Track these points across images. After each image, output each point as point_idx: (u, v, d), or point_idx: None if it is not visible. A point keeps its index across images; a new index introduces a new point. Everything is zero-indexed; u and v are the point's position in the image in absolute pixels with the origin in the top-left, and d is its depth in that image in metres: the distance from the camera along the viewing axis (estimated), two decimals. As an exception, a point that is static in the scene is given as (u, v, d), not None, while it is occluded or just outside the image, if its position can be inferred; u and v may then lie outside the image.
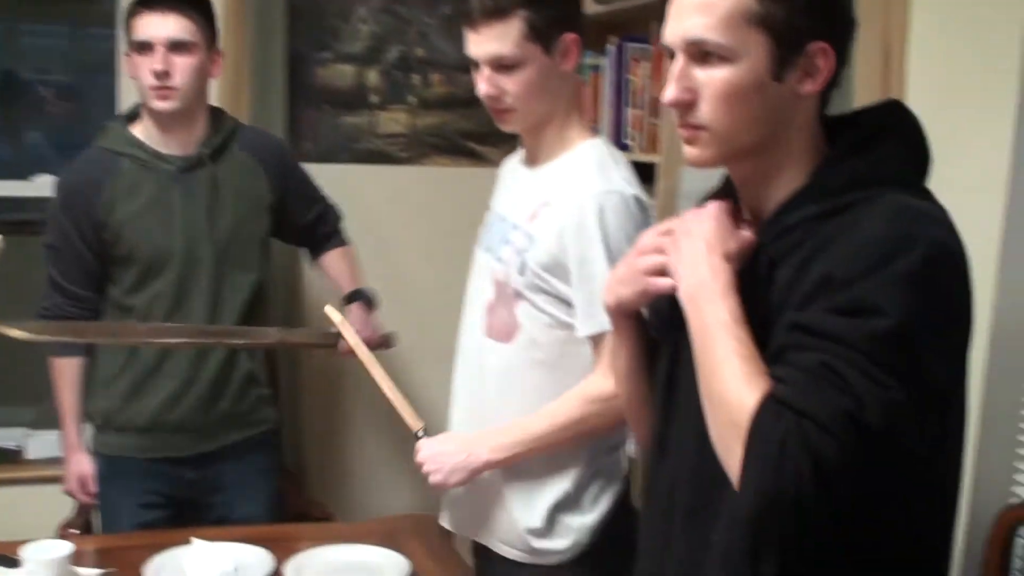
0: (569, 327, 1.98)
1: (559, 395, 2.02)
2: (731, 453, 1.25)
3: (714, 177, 2.88)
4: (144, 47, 2.45)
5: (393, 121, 3.63)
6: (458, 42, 3.56)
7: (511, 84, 1.99)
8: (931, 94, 2.21)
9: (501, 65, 1.98)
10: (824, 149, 1.41)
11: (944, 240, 1.28)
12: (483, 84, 2.02)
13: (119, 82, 3.24)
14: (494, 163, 3.69)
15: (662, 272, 1.45)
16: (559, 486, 2.04)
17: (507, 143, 3.68)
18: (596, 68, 3.26)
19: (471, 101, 3.61)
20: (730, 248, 1.38)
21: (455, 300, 3.66)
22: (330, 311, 2.31)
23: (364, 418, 3.48)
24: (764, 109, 1.35)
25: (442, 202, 3.67)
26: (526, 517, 2.05)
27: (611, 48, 3.14)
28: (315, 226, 2.83)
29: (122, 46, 3.14)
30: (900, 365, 1.20)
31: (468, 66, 3.65)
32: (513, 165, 2.22)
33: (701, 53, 1.34)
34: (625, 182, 1.96)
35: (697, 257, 1.37)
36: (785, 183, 1.39)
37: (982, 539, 2.04)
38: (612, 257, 1.89)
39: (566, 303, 1.98)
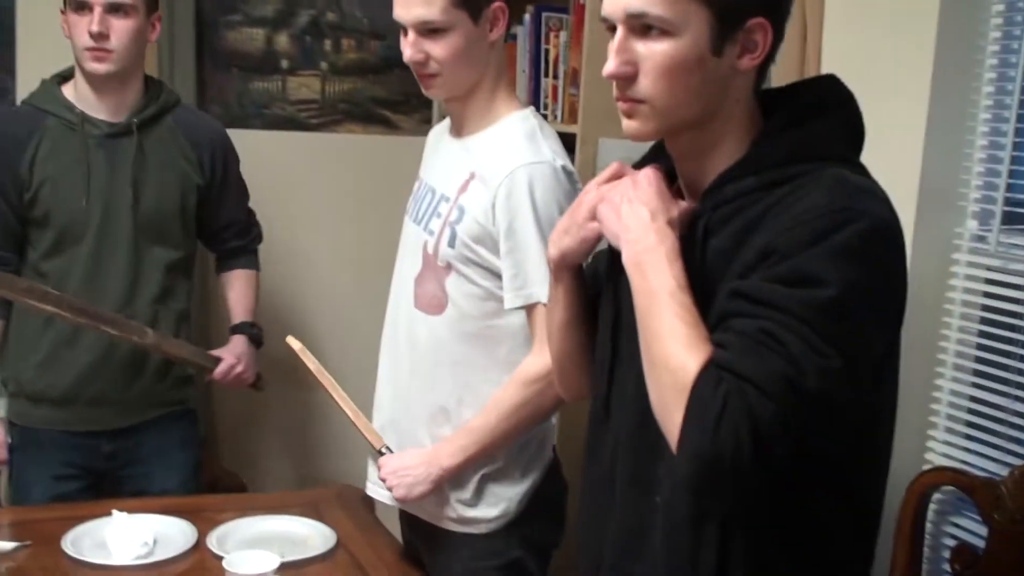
0: (499, 299, 1.99)
1: (489, 368, 2.03)
2: (671, 417, 1.27)
3: (634, 147, 2.90)
4: (81, 7, 2.39)
5: (304, 87, 3.58)
6: (369, 8, 3.58)
7: (437, 49, 1.97)
8: (847, 69, 2.26)
9: (428, 30, 1.97)
10: (760, 123, 1.43)
11: (882, 214, 1.31)
12: (408, 48, 2.00)
13: (16, 46, 3.12)
14: (407, 131, 3.70)
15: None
16: (490, 459, 2.05)
17: (420, 111, 3.70)
18: (512, 37, 3.25)
19: (383, 67, 3.64)
20: (672, 215, 1.39)
21: (367, 268, 3.68)
22: (291, 341, 2.26)
23: (276, 388, 3.43)
24: (703, 83, 1.36)
25: (354, 170, 3.64)
26: (456, 487, 2.06)
27: (527, 17, 3.14)
28: (235, 233, 2.76)
29: (23, 8, 3.06)
30: (838, 334, 1.24)
31: (379, 32, 3.65)
32: (440, 134, 2.20)
33: (642, 26, 1.34)
34: (554, 153, 1.97)
35: (642, 224, 1.38)
36: (722, 156, 1.41)
37: (896, 504, 2.11)
38: (541, 227, 1.90)
39: (496, 275, 1.98)
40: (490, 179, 1.95)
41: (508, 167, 1.93)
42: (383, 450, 2.13)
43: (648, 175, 1.43)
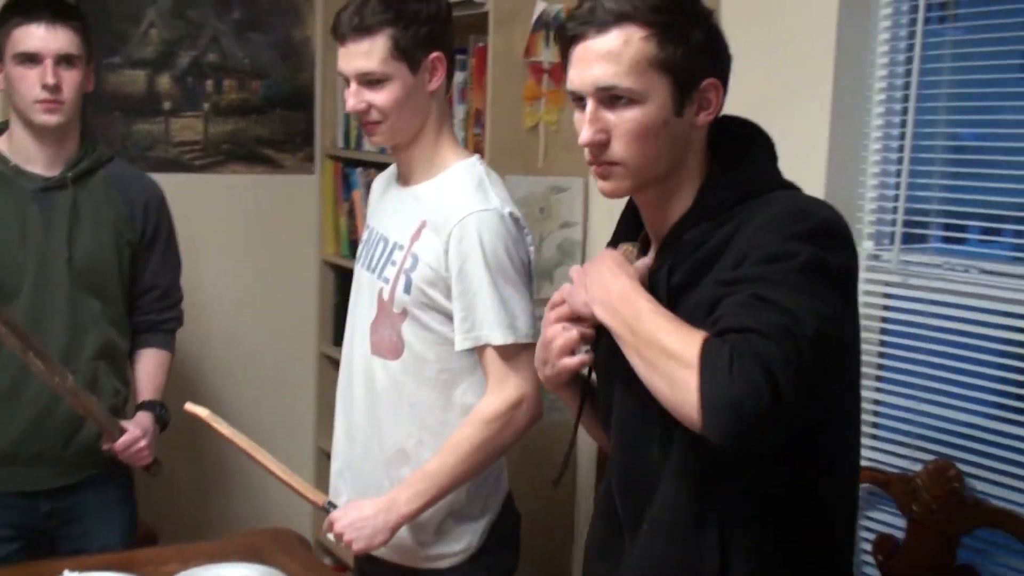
0: (453, 343, 2.07)
1: (447, 409, 2.10)
2: (687, 393, 1.31)
3: (539, 184, 3.01)
4: (31, 59, 2.37)
5: (187, 128, 3.56)
6: (250, 48, 3.60)
7: (378, 99, 2.05)
8: (752, 98, 2.44)
9: (368, 81, 2.04)
10: (709, 164, 1.57)
11: (832, 216, 1.47)
12: (351, 99, 2.07)
13: None
14: (290, 169, 3.74)
15: (572, 351, 1.60)
16: (451, 497, 2.10)
17: (302, 149, 3.74)
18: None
19: (265, 107, 3.67)
20: (629, 271, 1.52)
21: (258, 306, 3.71)
22: (192, 407, 2.16)
23: (183, 434, 3.41)
24: (669, 142, 1.51)
25: (240, 209, 3.65)
26: (419, 529, 2.12)
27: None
28: (155, 299, 2.68)
29: None
30: (817, 287, 1.35)
31: (261, 72, 3.68)
32: (386, 183, 2.26)
33: (611, 98, 1.49)
34: (501, 201, 2.06)
35: (603, 282, 1.50)
36: (681, 201, 1.56)
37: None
38: (491, 272, 1.99)
39: (451, 319, 2.05)
40: (442, 226, 2.03)
41: (459, 215, 2.01)
42: (328, 507, 2.14)
43: (597, 258, 1.57)
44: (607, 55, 1.47)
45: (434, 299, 2.05)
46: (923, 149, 2.33)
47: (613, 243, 1.68)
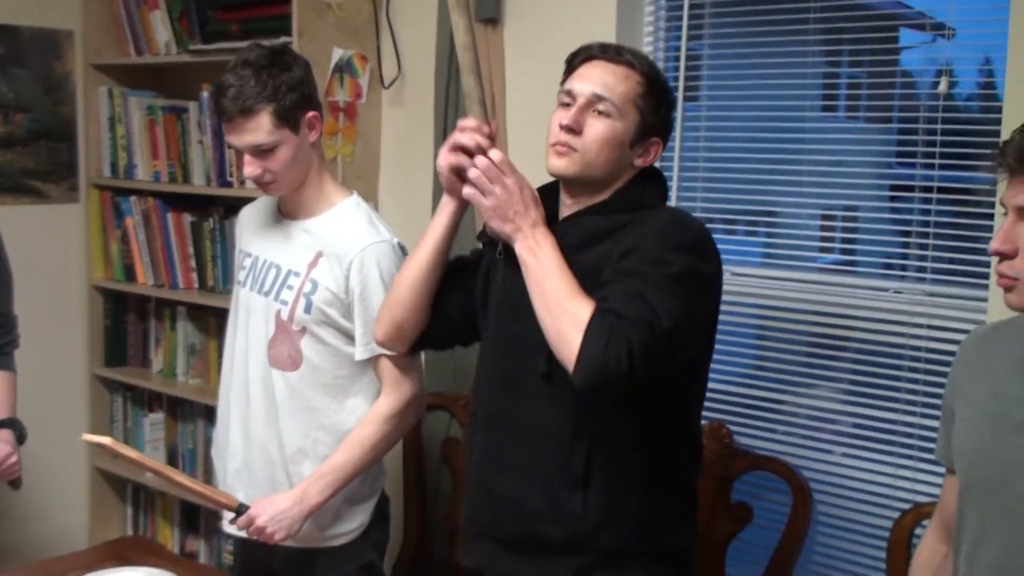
0: (347, 355, 2.41)
1: (340, 411, 2.44)
2: (570, 344, 1.81)
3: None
4: None
5: (-46, 163, 3.60)
6: (14, 82, 3.68)
7: (272, 164, 2.34)
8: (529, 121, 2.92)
9: (260, 151, 2.33)
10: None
11: (704, 230, 2.02)
12: (247, 167, 2.35)
13: None
14: (56, 199, 3.83)
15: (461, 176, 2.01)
16: (350, 485, 2.43)
17: (67, 179, 3.85)
18: (185, 110, 3.59)
19: (30, 139, 3.76)
20: (543, 222, 1.96)
21: (25, 332, 3.73)
22: (91, 437, 2.25)
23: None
24: (616, 158, 2.00)
25: (9, 242, 3.67)
26: (320, 514, 2.41)
27: (204, 94, 3.48)
28: None
29: None
30: (680, 294, 1.86)
31: (25, 105, 3.76)
32: (264, 216, 2.55)
33: (597, 106, 1.98)
34: (390, 233, 2.43)
35: (529, 226, 1.93)
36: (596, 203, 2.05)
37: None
38: (387, 291, 2.31)
39: (344, 334, 2.40)
40: (342, 256, 2.36)
41: (358, 246, 2.36)
42: (240, 507, 2.37)
43: (530, 188, 1.99)
44: (608, 80, 1.98)
45: (332, 317, 2.38)
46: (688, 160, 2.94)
47: None
